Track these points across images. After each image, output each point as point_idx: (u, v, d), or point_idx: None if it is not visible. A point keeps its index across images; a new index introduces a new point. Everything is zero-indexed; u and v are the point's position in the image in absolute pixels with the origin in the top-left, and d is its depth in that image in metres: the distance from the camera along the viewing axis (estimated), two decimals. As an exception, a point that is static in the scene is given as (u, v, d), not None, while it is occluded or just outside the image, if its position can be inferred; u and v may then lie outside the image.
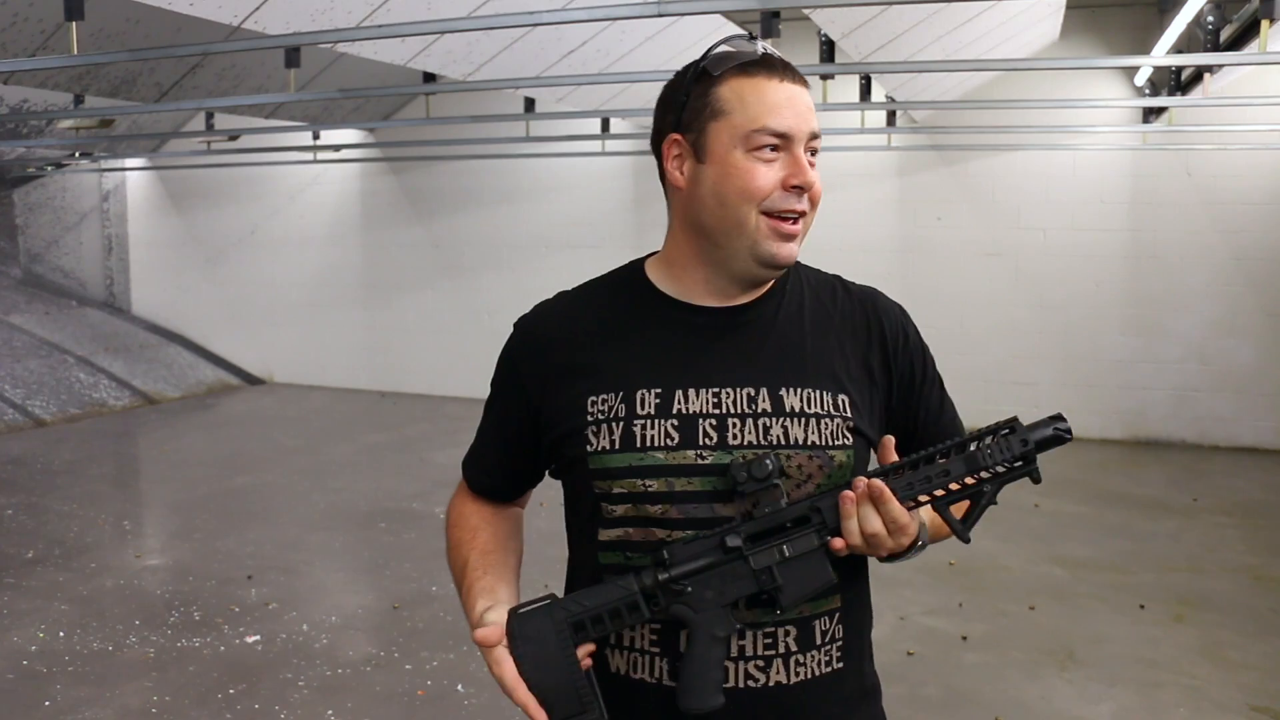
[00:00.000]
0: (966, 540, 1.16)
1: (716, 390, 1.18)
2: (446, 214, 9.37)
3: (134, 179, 10.70)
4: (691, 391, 1.17)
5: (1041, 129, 6.36)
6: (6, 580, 4.63)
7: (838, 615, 1.22)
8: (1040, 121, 7.02)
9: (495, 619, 1.13)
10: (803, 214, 1.19)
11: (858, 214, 7.97)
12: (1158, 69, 6.68)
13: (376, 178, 9.63)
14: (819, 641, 1.20)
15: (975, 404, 7.74)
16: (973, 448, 1.13)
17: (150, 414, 8.79)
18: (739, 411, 1.17)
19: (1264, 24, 3.56)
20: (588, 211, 8.66)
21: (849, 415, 1.20)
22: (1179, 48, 5.58)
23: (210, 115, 7.37)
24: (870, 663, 1.32)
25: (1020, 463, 1.13)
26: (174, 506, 6.05)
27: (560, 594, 1.22)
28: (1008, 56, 6.34)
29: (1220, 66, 5.10)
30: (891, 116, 6.58)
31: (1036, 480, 1.15)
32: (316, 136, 8.44)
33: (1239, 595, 4.45)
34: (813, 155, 1.20)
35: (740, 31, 1.21)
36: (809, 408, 1.18)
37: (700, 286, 1.23)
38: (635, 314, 1.24)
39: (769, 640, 1.17)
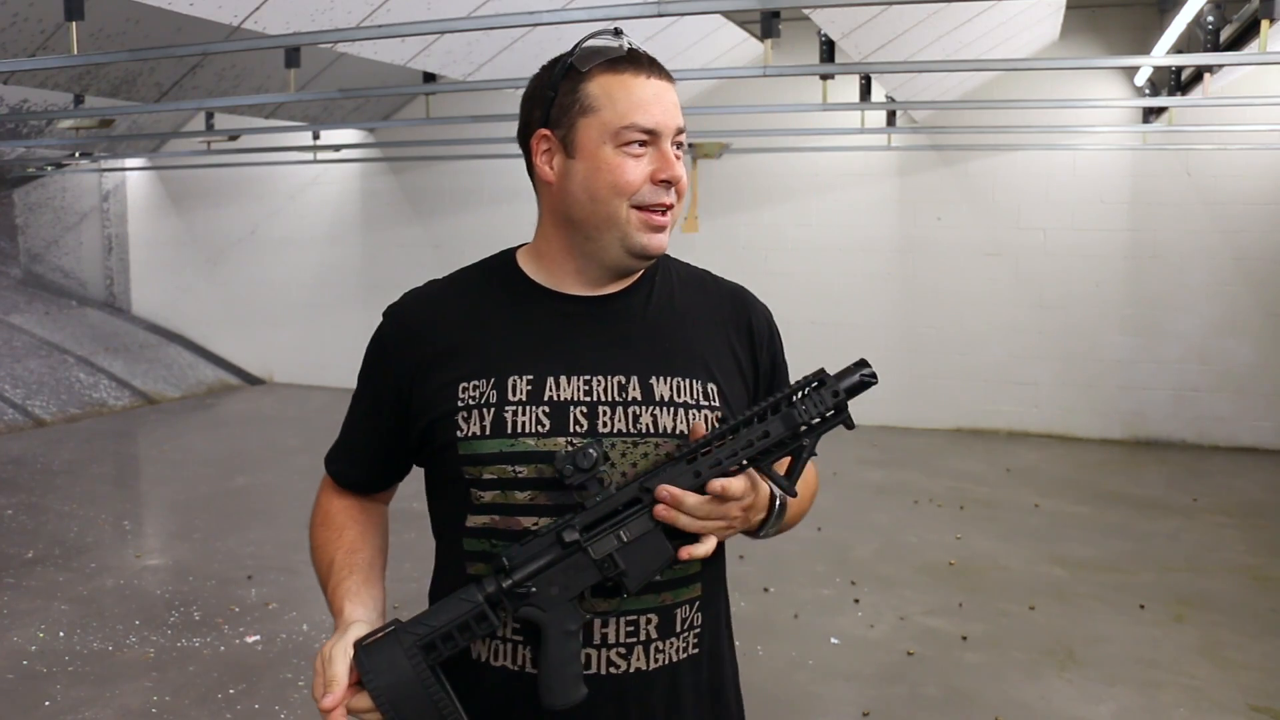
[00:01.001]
0: (793, 494, 1.19)
1: (588, 378, 1.19)
2: (446, 214, 9.37)
3: (134, 179, 10.70)
4: (563, 379, 1.19)
5: (1041, 129, 6.36)
6: (6, 580, 4.63)
7: (698, 603, 1.24)
8: (1040, 121, 7.03)
9: (349, 641, 1.12)
10: (670, 206, 1.20)
11: (858, 214, 7.97)
12: (1158, 69, 6.68)
13: (376, 178, 9.63)
14: (679, 629, 1.22)
15: (975, 404, 7.80)
16: (790, 403, 1.16)
17: (150, 414, 8.79)
18: (609, 399, 1.18)
19: (1264, 24, 3.56)
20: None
21: (716, 404, 1.23)
22: (1179, 48, 5.58)
23: (210, 115, 7.37)
24: (729, 648, 1.33)
25: (834, 412, 1.16)
26: (174, 506, 6.05)
27: (425, 588, 1.25)
28: (1008, 56, 6.35)
29: (1220, 66, 5.11)
30: (891, 116, 6.58)
31: (850, 427, 1.18)
32: (316, 136, 8.44)
33: (1239, 595, 4.45)
34: (678, 149, 1.21)
35: (608, 28, 1.23)
36: (679, 396, 1.21)
37: (571, 277, 1.24)
38: (507, 302, 1.25)
39: (631, 628, 1.19)
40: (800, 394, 1.16)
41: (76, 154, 9.46)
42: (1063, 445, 7.42)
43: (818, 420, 1.16)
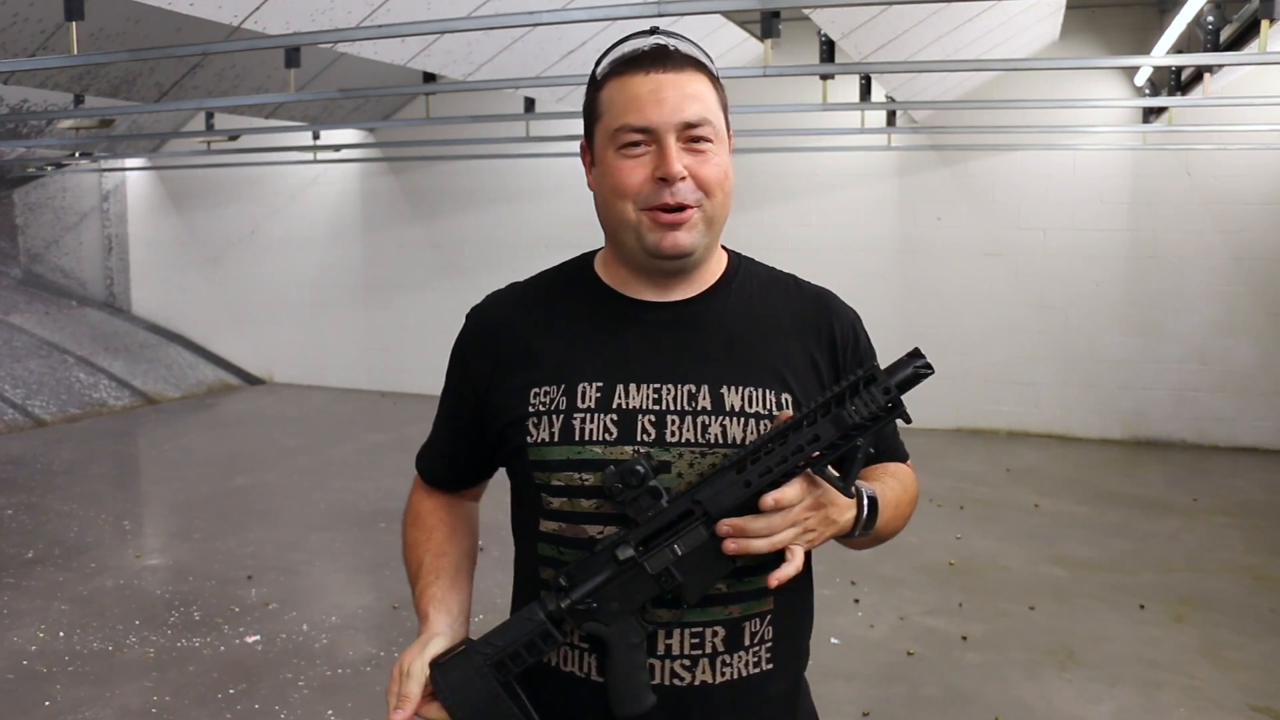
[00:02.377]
0: (850, 494, 1.13)
1: (658, 386, 1.17)
2: (446, 214, 9.37)
3: (134, 179, 10.70)
4: (633, 386, 1.17)
5: (1041, 129, 6.36)
6: (6, 580, 4.63)
7: (769, 617, 1.21)
8: (1040, 121, 7.02)
9: (437, 648, 1.18)
10: (681, 205, 1.15)
11: (858, 214, 7.97)
12: (1158, 69, 6.68)
13: (376, 178, 9.63)
14: (747, 643, 1.19)
15: (975, 404, 7.79)
16: (840, 404, 1.11)
17: (150, 414, 8.78)
18: (678, 409, 1.17)
19: (1264, 24, 3.56)
20: (588, 211, 8.48)
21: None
22: (1179, 48, 5.58)
23: (210, 115, 7.37)
24: (804, 662, 1.31)
25: (889, 408, 1.11)
26: (174, 506, 6.05)
27: (509, 587, 1.30)
28: (1008, 56, 6.34)
29: (1220, 66, 5.10)
30: (891, 116, 6.58)
31: (907, 421, 1.13)
32: (316, 136, 8.45)
33: (1239, 595, 4.45)
34: (697, 143, 1.16)
35: (644, 29, 1.21)
36: (750, 406, 1.18)
37: (635, 282, 1.23)
38: (581, 307, 1.25)
39: (696, 640, 1.17)
40: (851, 393, 1.11)
41: (76, 154, 9.46)
42: (1063, 445, 7.42)
43: (870, 420, 1.11)
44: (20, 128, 8.67)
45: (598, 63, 1.20)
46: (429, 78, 5.50)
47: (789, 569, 1.10)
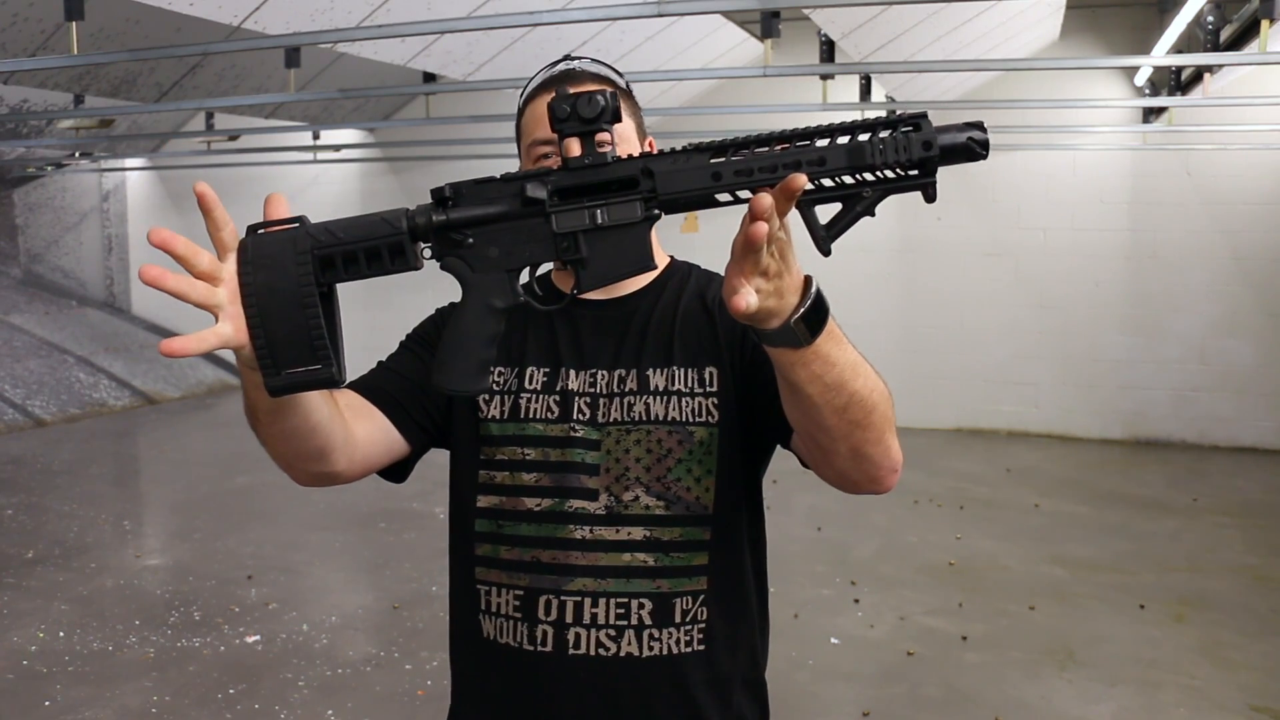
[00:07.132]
0: (827, 252, 0.95)
1: (594, 372, 1.26)
2: (446, 214, 9.36)
3: (134, 179, 10.70)
4: (573, 372, 1.26)
5: (1041, 129, 6.36)
6: (6, 580, 4.63)
7: (702, 597, 1.22)
8: (1040, 121, 7.02)
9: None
10: None
11: (858, 214, 7.97)
12: (1158, 69, 6.68)
13: (376, 178, 9.62)
14: (678, 619, 1.21)
15: (975, 404, 7.79)
16: (862, 139, 0.89)
17: (150, 414, 8.79)
18: (609, 391, 1.24)
19: (1264, 24, 3.57)
20: (588, 211, 8.63)
21: (714, 388, 1.23)
22: (1179, 48, 5.58)
23: (210, 115, 7.37)
24: (748, 658, 1.27)
25: (917, 171, 0.89)
26: (174, 506, 6.05)
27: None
28: (1008, 56, 6.35)
29: (1220, 66, 5.11)
30: (891, 116, 6.57)
31: (930, 199, 0.91)
32: (316, 136, 8.44)
33: (1239, 595, 4.45)
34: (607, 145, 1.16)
35: (566, 55, 1.29)
36: (673, 385, 1.24)
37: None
38: (536, 304, 1.27)
39: (621, 610, 1.20)
40: (884, 133, 0.89)
41: (76, 154, 9.46)
42: (1063, 445, 7.42)
43: (893, 174, 0.90)
44: (20, 128, 8.66)
45: (520, 95, 1.29)
46: (429, 78, 5.50)
47: (748, 299, 0.91)
